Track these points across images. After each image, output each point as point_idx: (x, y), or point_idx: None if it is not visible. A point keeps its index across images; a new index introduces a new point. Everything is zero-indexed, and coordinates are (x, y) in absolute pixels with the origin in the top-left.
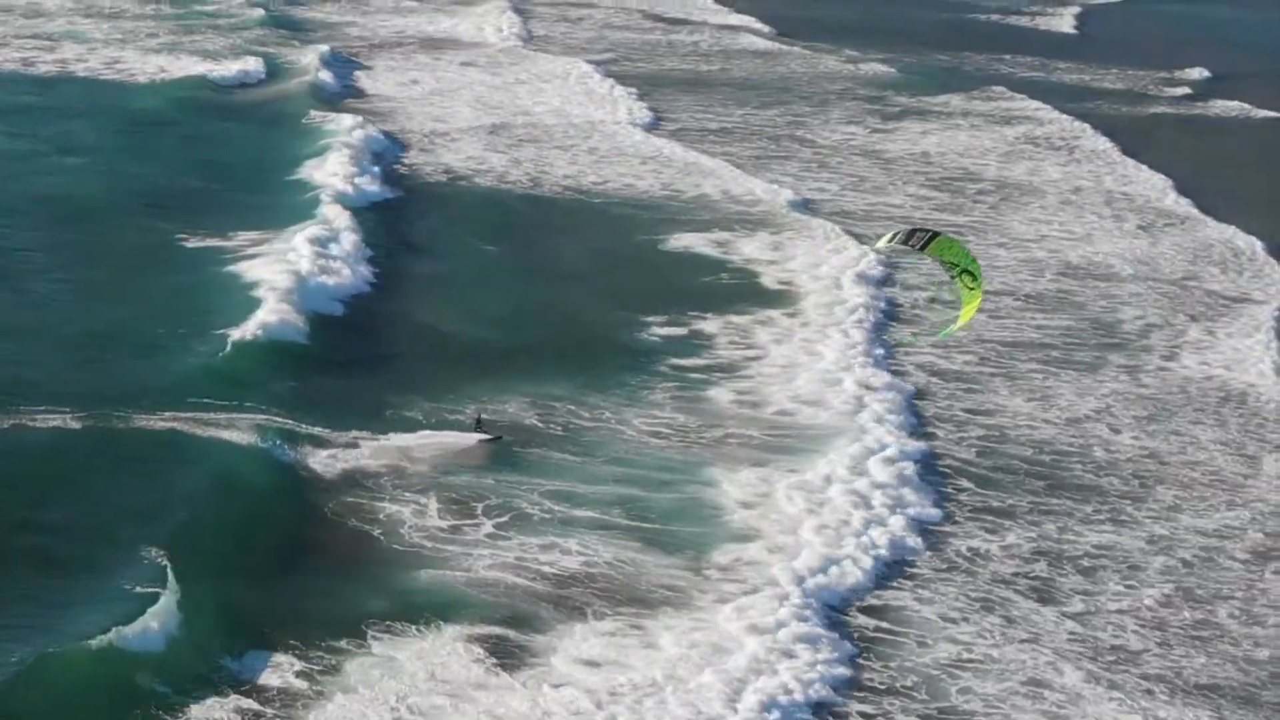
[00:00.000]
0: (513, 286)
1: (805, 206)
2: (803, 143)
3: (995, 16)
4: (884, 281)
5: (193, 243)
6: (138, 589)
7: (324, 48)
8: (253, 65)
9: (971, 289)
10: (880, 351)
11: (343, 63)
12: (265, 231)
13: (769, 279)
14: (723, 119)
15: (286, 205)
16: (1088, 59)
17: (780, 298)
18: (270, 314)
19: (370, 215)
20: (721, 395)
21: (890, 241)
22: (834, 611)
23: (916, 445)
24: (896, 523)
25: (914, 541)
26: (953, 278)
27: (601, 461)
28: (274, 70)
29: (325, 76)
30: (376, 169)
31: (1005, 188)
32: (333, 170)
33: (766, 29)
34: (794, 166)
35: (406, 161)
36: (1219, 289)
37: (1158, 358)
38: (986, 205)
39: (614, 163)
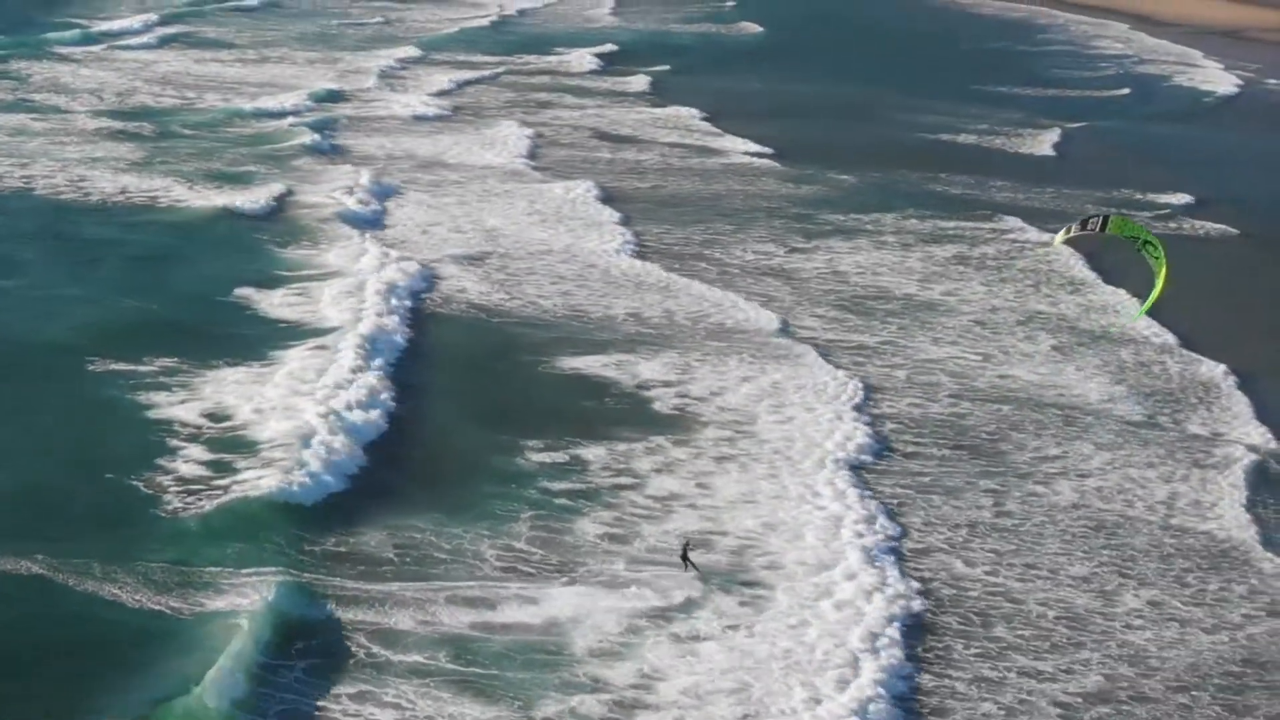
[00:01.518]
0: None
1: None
2: (710, 261)
3: (973, 138)
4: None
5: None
6: None
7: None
8: (275, 190)
9: (1157, 258)
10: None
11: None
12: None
13: (663, 404)
14: (642, 239)
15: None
16: (1064, 181)
17: (673, 423)
18: None
19: None
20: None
21: (1069, 234)
22: None
23: None
24: None
25: None
26: (1138, 250)
27: (444, 600)
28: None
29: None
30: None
31: (919, 308)
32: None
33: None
34: (698, 286)
35: None
36: (1141, 417)
37: (1031, 483)
38: (895, 326)
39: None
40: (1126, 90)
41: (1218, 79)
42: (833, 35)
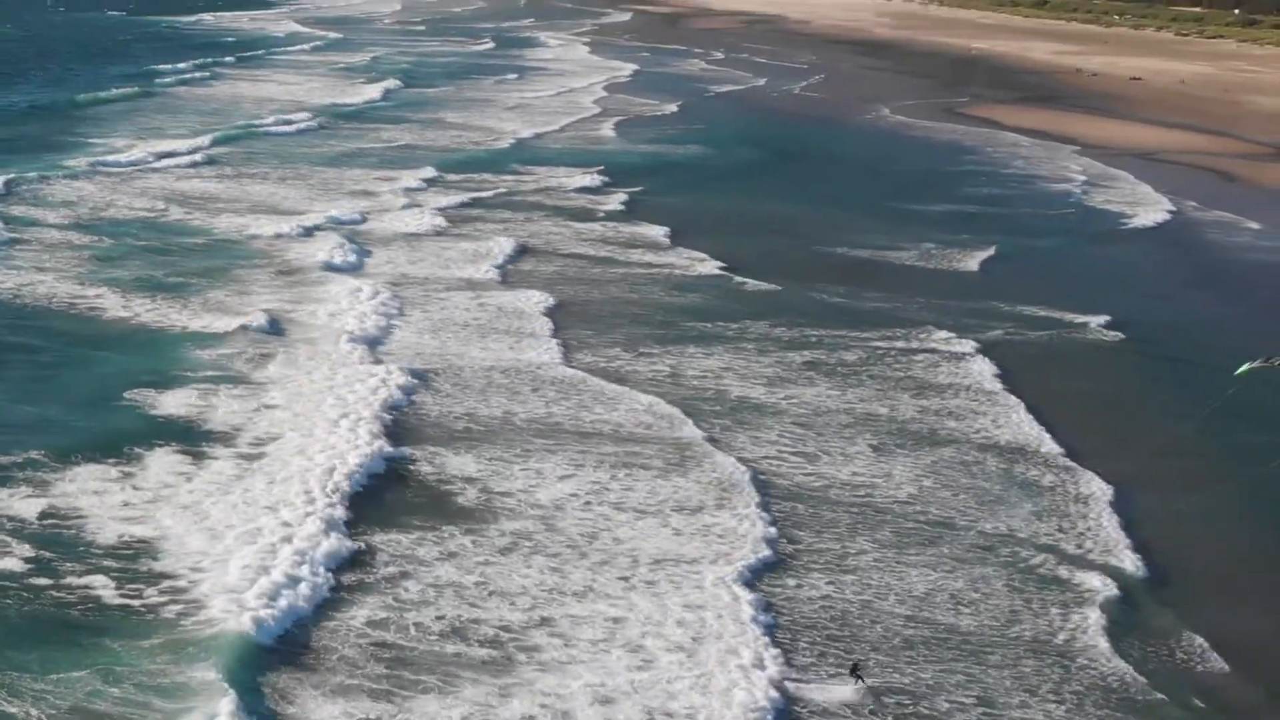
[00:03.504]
0: None
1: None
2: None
3: (900, 255)
4: None
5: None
6: None
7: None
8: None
9: None
10: None
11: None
12: None
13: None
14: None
15: None
16: (978, 296)
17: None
18: None
19: None
20: None
21: (1252, 366)
22: None
23: None
24: None
25: None
26: None
27: None
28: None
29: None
30: None
31: (748, 409)
32: None
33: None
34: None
35: None
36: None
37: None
38: (718, 425)
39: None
40: (1065, 211)
41: (1147, 200)
42: (808, 162)
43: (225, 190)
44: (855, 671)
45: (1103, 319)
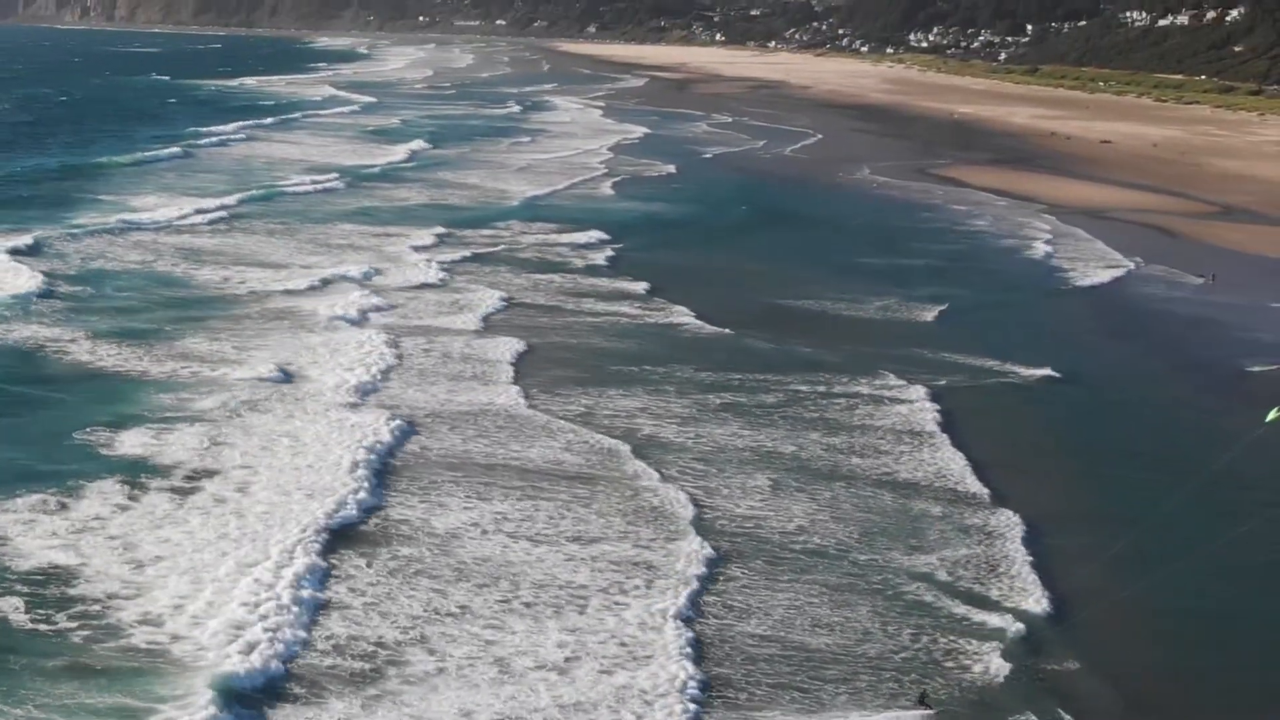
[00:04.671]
0: None
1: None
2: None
3: (865, 309)
4: None
5: None
6: None
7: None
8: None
9: None
10: None
11: None
12: None
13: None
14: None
15: None
16: (930, 346)
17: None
18: None
19: None
20: None
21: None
22: None
23: None
24: None
25: None
26: None
27: None
28: None
29: None
30: None
31: (655, 447)
32: None
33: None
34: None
35: None
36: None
37: None
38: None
39: None
40: (1021, 265)
41: (1097, 256)
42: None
43: (244, 246)
44: (924, 700)
45: (1045, 371)
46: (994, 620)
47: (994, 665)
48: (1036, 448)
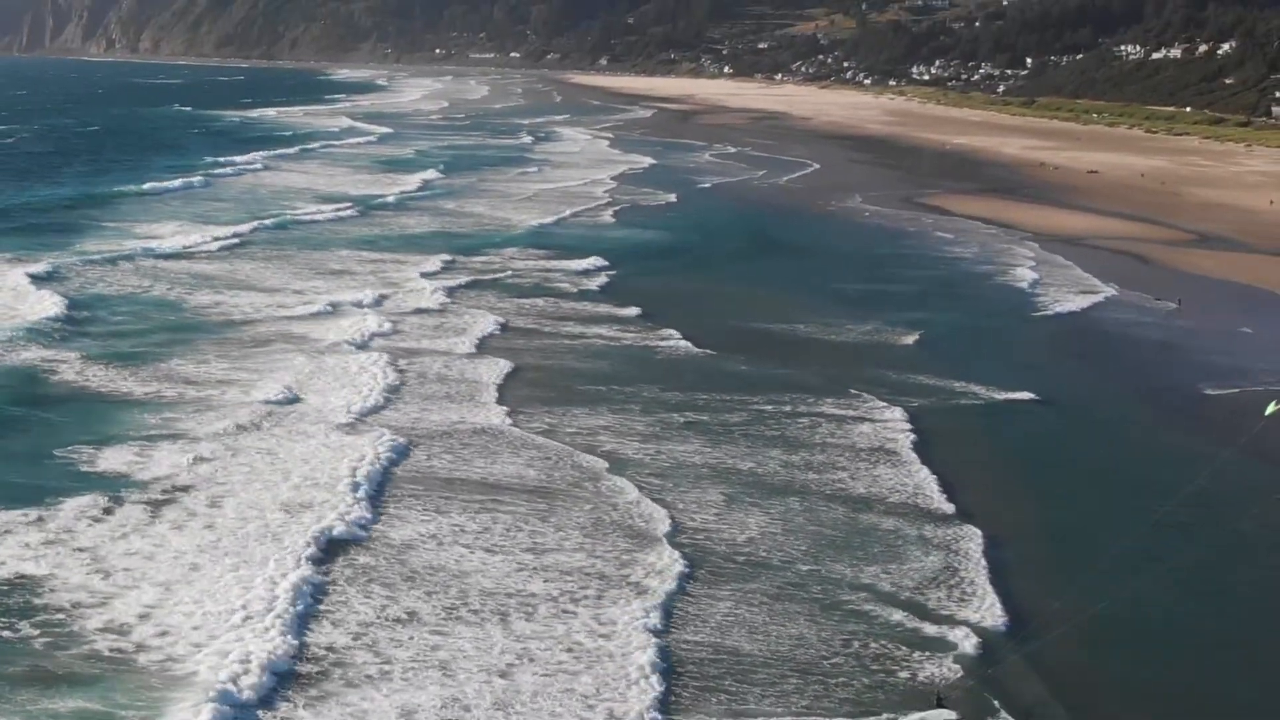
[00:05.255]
0: None
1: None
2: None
3: (848, 333)
4: None
5: None
6: None
7: None
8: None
9: None
10: None
11: None
12: None
13: None
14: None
15: None
16: (914, 371)
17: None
18: None
19: None
20: None
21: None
22: None
23: None
24: None
25: None
26: None
27: None
28: None
29: None
30: None
31: (624, 465)
32: None
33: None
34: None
35: None
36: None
37: None
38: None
39: None
40: (998, 292)
41: (1076, 282)
42: (779, 246)
43: (254, 272)
44: (940, 701)
45: (1019, 394)
46: (950, 634)
47: (946, 678)
48: (1010, 468)
